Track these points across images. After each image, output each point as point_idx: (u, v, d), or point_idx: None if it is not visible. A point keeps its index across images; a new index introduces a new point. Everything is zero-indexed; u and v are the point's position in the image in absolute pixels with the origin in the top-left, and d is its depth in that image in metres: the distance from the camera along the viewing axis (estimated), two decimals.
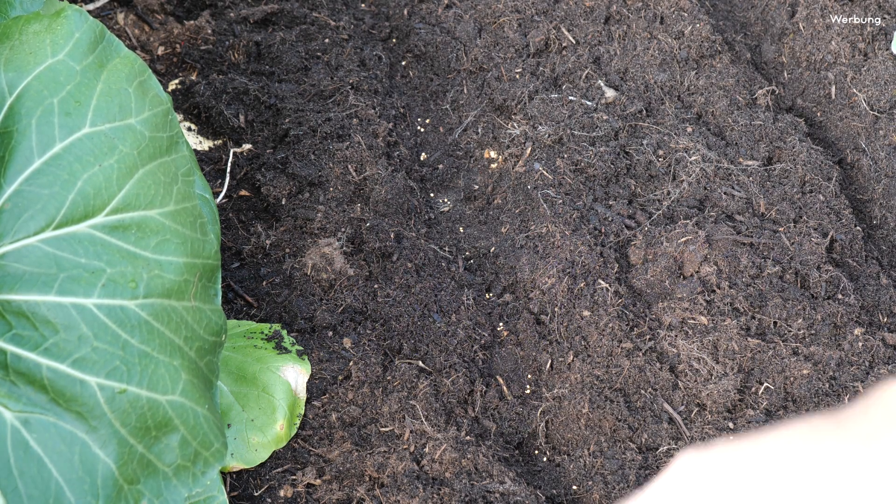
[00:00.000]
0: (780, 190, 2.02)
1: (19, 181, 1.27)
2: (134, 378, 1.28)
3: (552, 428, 1.73)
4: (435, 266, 1.92)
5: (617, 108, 2.16)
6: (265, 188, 2.01)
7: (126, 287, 1.29)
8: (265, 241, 1.93)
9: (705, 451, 0.87)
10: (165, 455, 1.30)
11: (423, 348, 1.79)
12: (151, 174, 1.34)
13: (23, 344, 1.24)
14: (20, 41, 1.32)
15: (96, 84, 1.32)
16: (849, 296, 1.84)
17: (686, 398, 1.72)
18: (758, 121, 2.15)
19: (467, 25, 2.36)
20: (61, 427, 1.24)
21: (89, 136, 1.30)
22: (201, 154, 2.13)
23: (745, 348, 1.74)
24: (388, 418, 1.67)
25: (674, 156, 2.06)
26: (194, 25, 2.33)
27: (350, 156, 2.02)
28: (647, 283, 1.87)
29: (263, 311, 1.84)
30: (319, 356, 1.73)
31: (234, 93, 2.18)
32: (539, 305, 1.85)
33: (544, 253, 1.91)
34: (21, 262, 1.26)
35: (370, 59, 2.31)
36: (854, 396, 1.69)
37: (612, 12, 2.35)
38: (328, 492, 1.58)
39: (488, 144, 2.17)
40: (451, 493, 1.56)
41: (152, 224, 1.33)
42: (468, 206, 2.11)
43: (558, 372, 1.77)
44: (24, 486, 1.21)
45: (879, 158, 2.14)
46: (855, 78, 2.25)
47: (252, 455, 1.59)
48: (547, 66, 2.26)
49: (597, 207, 1.97)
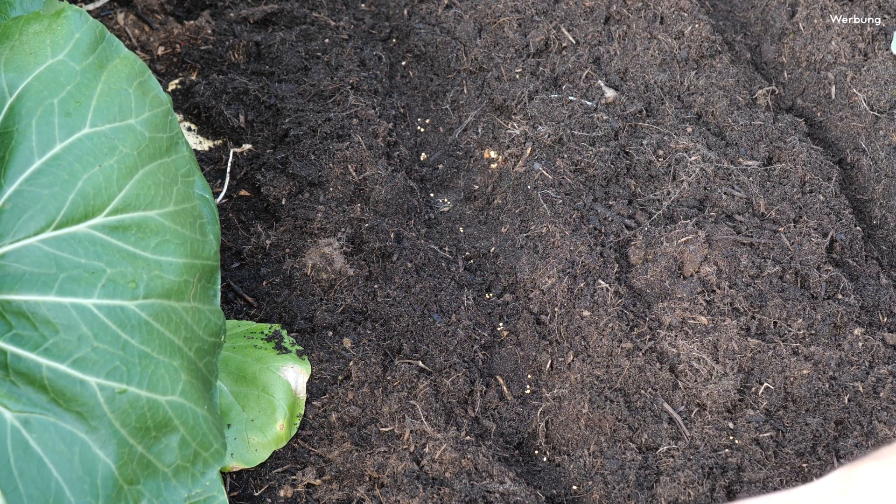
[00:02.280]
0: (780, 190, 2.02)
1: (19, 181, 1.27)
2: (134, 378, 1.28)
3: (552, 428, 1.73)
4: (435, 266, 1.92)
5: (617, 108, 2.16)
6: (265, 188, 2.01)
7: (126, 287, 1.29)
8: (265, 241, 1.93)
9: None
10: (165, 455, 1.30)
11: (423, 348, 1.79)
12: (151, 175, 1.34)
13: (23, 344, 1.24)
14: (20, 41, 1.32)
15: (96, 84, 1.33)
16: (849, 296, 1.84)
17: (686, 398, 1.72)
18: (758, 121, 2.15)
19: (467, 25, 2.36)
20: (61, 427, 1.24)
21: (89, 137, 1.30)
22: (201, 154, 2.13)
23: (745, 348, 1.74)
24: (388, 418, 1.67)
25: (674, 156, 2.06)
26: (194, 25, 2.33)
27: (350, 156, 2.02)
28: (647, 283, 1.87)
29: (263, 311, 1.84)
30: (319, 356, 1.73)
31: (234, 93, 2.18)
32: (539, 305, 1.85)
33: (544, 253, 1.91)
34: (21, 262, 1.26)
35: (370, 59, 2.31)
36: (854, 396, 1.70)
37: (612, 12, 2.35)
38: (328, 492, 1.58)
39: (488, 144, 2.17)
40: (451, 493, 1.56)
41: (152, 224, 1.33)
42: (468, 206, 2.11)
43: (558, 372, 1.77)
44: (24, 486, 1.21)
45: (879, 158, 2.14)
46: (855, 78, 2.25)
47: (252, 455, 1.59)
48: (547, 66, 2.26)
49: (597, 207, 1.97)
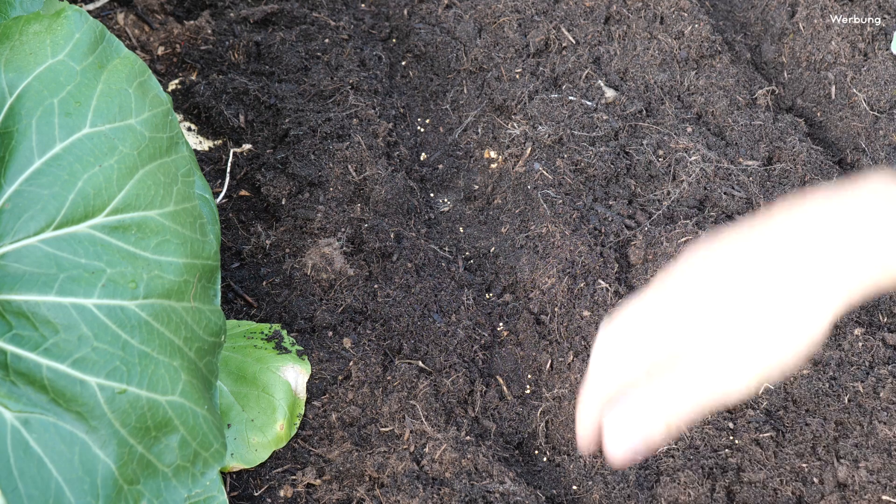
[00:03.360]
0: (780, 190, 2.02)
1: (20, 181, 1.27)
2: (134, 378, 1.28)
3: (552, 428, 1.73)
4: (435, 266, 1.92)
5: (617, 108, 2.16)
6: (265, 188, 2.01)
7: (126, 287, 1.29)
8: (265, 241, 1.93)
9: (714, 242, 0.92)
10: (165, 455, 1.30)
11: (423, 348, 1.79)
12: (151, 175, 1.34)
13: (23, 344, 1.24)
14: (20, 41, 1.32)
15: (96, 84, 1.33)
16: None
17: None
18: (758, 121, 2.15)
19: (467, 25, 2.36)
20: (61, 427, 1.24)
21: (89, 137, 1.30)
22: (201, 154, 2.13)
23: None
24: (388, 418, 1.67)
25: (674, 156, 2.06)
26: (194, 25, 2.33)
27: (350, 156, 2.02)
28: (647, 283, 1.87)
29: (263, 311, 1.84)
30: (319, 356, 1.73)
31: (234, 93, 2.18)
32: (539, 305, 1.85)
33: (544, 253, 1.91)
34: (21, 262, 1.26)
35: (370, 59, 2.31)
36: (854, 397, 1.70)
37: (612, 12, 2.35)
38: (328, 492, 1.58)
39: (488, 144, 2.17)
40: (451, 493, 1.56)
41: (152, 225, 1.33)
42: (468, 206, 2.11)
43: (558, 372, 1.77)
44: (24, 486, 1.21)
45: (879, 158, 2.14)
46: (855, 78, 2.25)
47: (252, 455, 1.59)
48: (547, 66, 2.26)
49: (597, 207, 1.97)
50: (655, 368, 0.91)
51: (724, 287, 0.90)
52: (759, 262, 0.90)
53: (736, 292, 0.90)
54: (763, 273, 0.89)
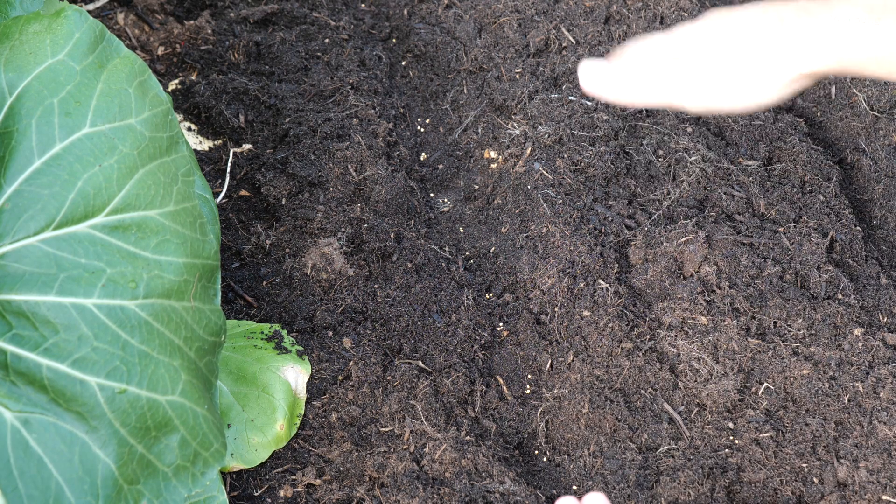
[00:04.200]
0: (780, 190, 2.02)
1: (19, 181, 1.27)
2: (134, 378, 1.28)
3: (552, 428, 1.73)
4: (435, 266, 1.92)
5: (617, 108, 2.16)
6: (265, 188, 2.01)
7: (126, 287, 1.29)
8: (265, 241, 1.93)
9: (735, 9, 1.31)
10: (165, 455, 1.30)
11: (423, 348, 1.79)
12: (151, 174, 1.34)
13: (23, 344, 1.24)
14: (20, 41, 1.32)
15: (96, 84, 1.33)
16: (849, 296, 1.84)
17: (686, 398, 1.72)
18: (758, 121, 2.15)
19: (467, 25, 2.36)
20: (61, 427, 1.24)
21: (89, 137, 1.30)
22: (201, 154, 2.13)
23: (745, 348, 1.74)
24: (388, 418, 1.67)
25: (674, 156, 2.06)
26: (194, 25, 2.33)
27: (350, 156, 2.02)
28: (646, 283, 1.87)
29: (263, 311, 1.84)
30: (319, 356, 1.73)
31: (234, 93, 2.18)
32: (539, 305, 1.85)
33: (544, 253, 1.91)
34: (21, 262, 1.26)
35: (370, 59, 2.31)
36: (854, 397, 1.70)
37: (612, 12, 2.35)
38: (328, 492, 1.58)
39: (488, 144, 2.17)
40: (451, 493, 1.56)
41: (152, 224, 1.33)
42: (468, 206, 2.11)
43: (558, 372, 1.77)
44: (24, 486, 1.21)
45: (879, 158, 2.14)
46: (855, 78, 2.25)
47: (252, 455, 1.59)
48: (547, 66, 2.26)
49: (597, 207, 1.97)
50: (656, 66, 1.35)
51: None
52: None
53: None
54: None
